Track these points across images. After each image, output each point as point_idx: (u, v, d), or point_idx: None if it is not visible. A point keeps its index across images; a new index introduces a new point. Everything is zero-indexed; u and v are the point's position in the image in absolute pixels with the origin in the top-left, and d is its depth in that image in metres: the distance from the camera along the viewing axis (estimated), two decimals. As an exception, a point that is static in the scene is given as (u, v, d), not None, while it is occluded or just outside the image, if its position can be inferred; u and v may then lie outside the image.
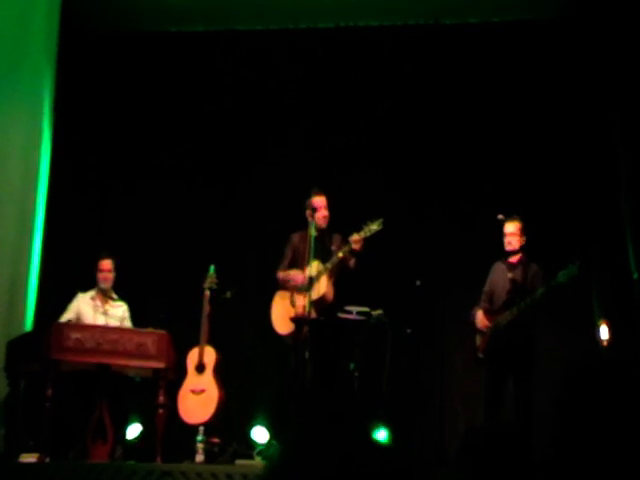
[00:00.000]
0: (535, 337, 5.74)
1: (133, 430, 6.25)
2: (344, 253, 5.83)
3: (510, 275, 5.88)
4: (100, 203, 7.81)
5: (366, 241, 5.83)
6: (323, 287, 5.84)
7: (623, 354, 6.18)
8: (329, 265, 5.82)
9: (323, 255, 5.89)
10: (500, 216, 5.95)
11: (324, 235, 6.07)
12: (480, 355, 5.91)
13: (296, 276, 6.00)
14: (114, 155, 7.89)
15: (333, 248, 5.99)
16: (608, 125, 7.04)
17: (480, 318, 5.92)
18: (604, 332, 6.25)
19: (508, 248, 5.93)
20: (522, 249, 5.94)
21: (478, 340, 5.93)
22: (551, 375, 5.83)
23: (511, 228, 5.91)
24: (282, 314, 6.02)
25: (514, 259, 5.95)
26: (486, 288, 6.05)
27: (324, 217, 6.10)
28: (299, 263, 6.05)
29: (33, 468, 5.16)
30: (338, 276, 5.95)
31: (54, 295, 6.76)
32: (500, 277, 5.97)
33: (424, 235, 7.34)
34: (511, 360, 5.69)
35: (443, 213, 7.36)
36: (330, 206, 6.19)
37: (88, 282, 6.42)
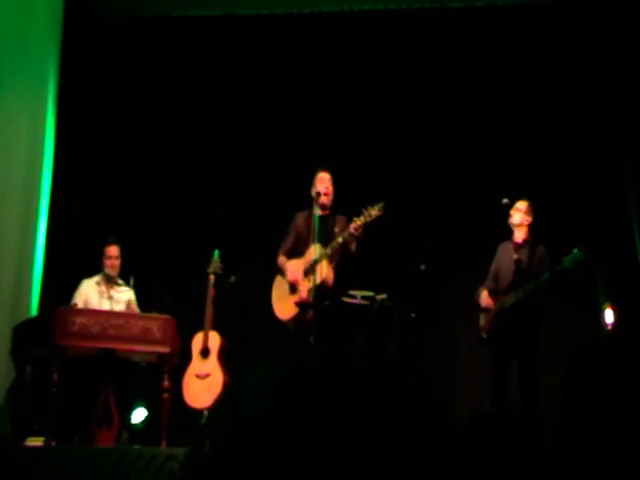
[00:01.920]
0: (539, 321, 5.74)
1: (138, 415, 6.27)
2: (344, 239, 5.75)
3: (516, 256, 5.86)
4: (105, 188, 7.80)
5: (368, 226, 5.73)
6: (323, 272, 5.78)
7: (628, 338, 6.16)
8: (329, 250, 5.76)
9: (326, 237, 5.83)
10: (505, 200, 5.93)
11: (328, 217, 6.02)
12: (483, 335, 5.91)
13: (292, 273, 5.95)
14: (118, 141, 7.89)
15: (336, 230, 5.90)
16: (612, 109, 7.01)
17: (484, 297, 5.91)
18: (609, 316, 6.24)
19: (509, 220, 5.90)
20: (529, 230, 5.91)
21: (482, 320, 5.93)
22: (558, 360, 5.81)
23: (518, 205, 5.90)
24: (282, 299, 5.99)
25: (520, 239, 5.92)
26: (492, 268, 6.03)
27: (326, 194, 6.00)
28: (301, 245, 6.02)
29: (39, 452, 5.19)
30: (340, 261, 5.90)
31: (60, 281, 6.77)
32: (506, 258, 5.95)
33: (429, 218, 7.34)
34: (515, 342, 5.68)
35: (448, 196, 7.35)
36: (336, 187, 6.14)
37: (93, 267, 6.43)
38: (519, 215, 5.89)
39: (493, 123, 7.39)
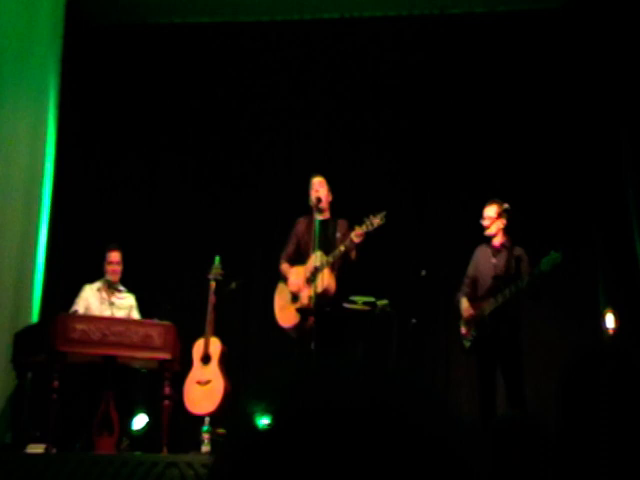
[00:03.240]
0: (518, 326, 5.67)
1: (139, 421, 6.26)
2: (345, 247, 5.74)
3: (494, 260, 5.76)
4: (106, 194, 7.81)
5: (368, 234, 5.73)
6: (325, 280, 5.77)
7: (629, 343, 6.15)
8: (331, 259, 5.75)
9: (327, 242, 5.83)
10: (505, 205, 5.90)
11: (328, 221, 6.03)
12: (466, 344, 5.82)
13: (294, 283, 5.95)
14: (119, 147, 7.90)
15: (338, 235, 5.90)
16: (611, 111, 7.02)
17: (465, 307, 5.77)
18: (610, 321, 6.22)
19: (486, 232, 5.81)
20: (505, 232, 5.81)
21: (463, 329, 5.80)
22: (557, 364, 5.79)
23: (487, 212, 5.80)
24: (285, 307, 5.98)
25: (497, 243, 5.81)
26: (469, 272, 5.91)
27: (317, 198, 6.01)
28: (303, 251, 6.02)
29: (40, 459, 5.18)
30: (340, 268, 5.90)
31: (60, 287, 6.77)
32: (484, 262, 5.83)
33: (429, 223, 7.35)
34: (498, 350, 5.58)
35: (449, 201, 7.34)
36: (337, 195, 6.15)
37: (94, 273, 6.43)
38: (495, 224, 5.79)
39: (494, 128, 7.40)
